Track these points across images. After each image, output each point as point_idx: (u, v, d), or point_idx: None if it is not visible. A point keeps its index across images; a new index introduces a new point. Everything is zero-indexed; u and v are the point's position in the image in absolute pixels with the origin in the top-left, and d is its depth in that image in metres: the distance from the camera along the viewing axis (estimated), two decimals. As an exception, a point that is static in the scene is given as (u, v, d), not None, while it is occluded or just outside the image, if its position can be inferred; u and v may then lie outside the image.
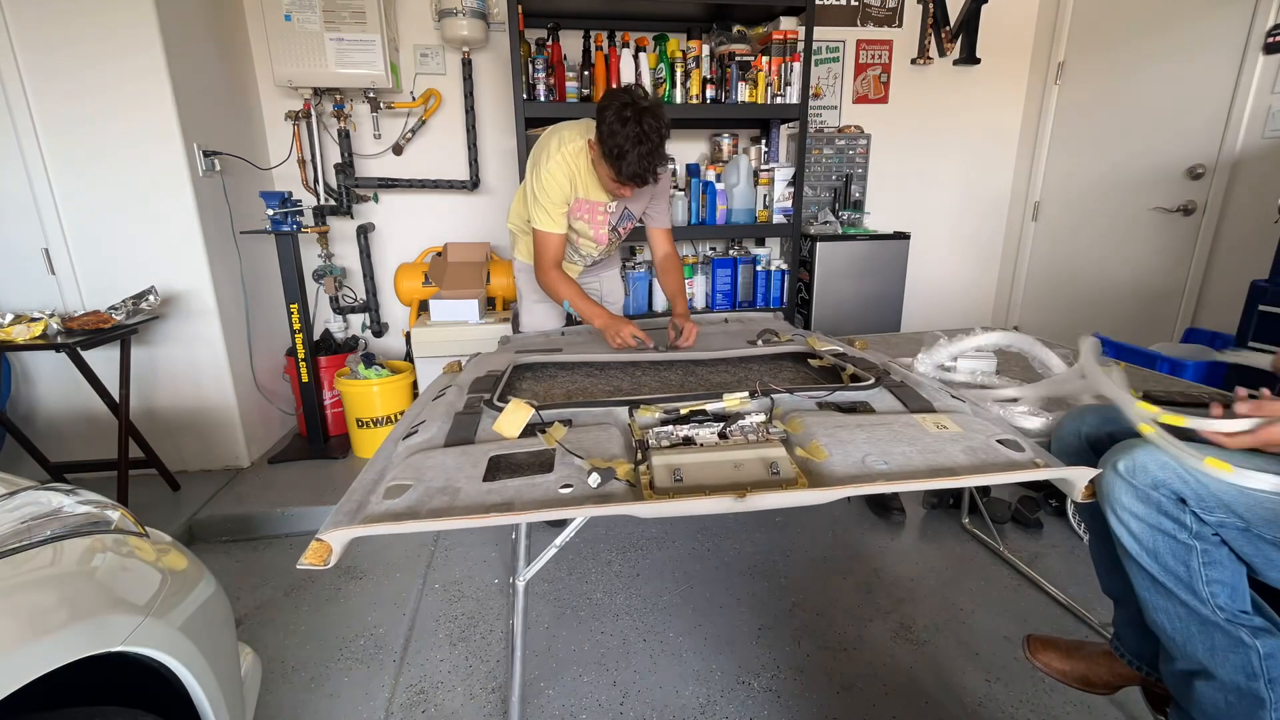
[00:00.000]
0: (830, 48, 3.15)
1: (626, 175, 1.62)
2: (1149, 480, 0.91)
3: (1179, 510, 0.90)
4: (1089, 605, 1.69)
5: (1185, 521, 0.90)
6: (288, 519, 2.20)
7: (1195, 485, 0.89)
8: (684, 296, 2.00)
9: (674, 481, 0.93)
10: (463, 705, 1.44)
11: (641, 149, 1.58)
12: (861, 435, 1.03)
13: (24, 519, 0.79)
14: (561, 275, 1.88)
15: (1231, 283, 2.40)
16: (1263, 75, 2.30)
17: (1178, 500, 0.90)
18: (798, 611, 1.73)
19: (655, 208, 1.98)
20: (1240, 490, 0.86)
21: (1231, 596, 0.90)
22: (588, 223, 1.90)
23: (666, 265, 2.02)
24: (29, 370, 2.35)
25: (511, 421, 1.13)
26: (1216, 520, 0.89)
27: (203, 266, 2.31)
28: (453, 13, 2.57)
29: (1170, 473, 0.89)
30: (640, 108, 1.57)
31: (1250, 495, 0.86)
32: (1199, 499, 0.89)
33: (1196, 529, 0.90)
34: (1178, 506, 0.90)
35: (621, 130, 1.56)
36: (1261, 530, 0.86)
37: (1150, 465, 0.91)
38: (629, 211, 1.95)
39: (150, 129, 2.16)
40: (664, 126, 1.61)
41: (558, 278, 1.86)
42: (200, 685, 0.82)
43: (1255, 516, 0.86)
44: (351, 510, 0.92)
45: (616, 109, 1.57)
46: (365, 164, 2.90)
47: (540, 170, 1.77)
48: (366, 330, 3.11)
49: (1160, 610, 0.95)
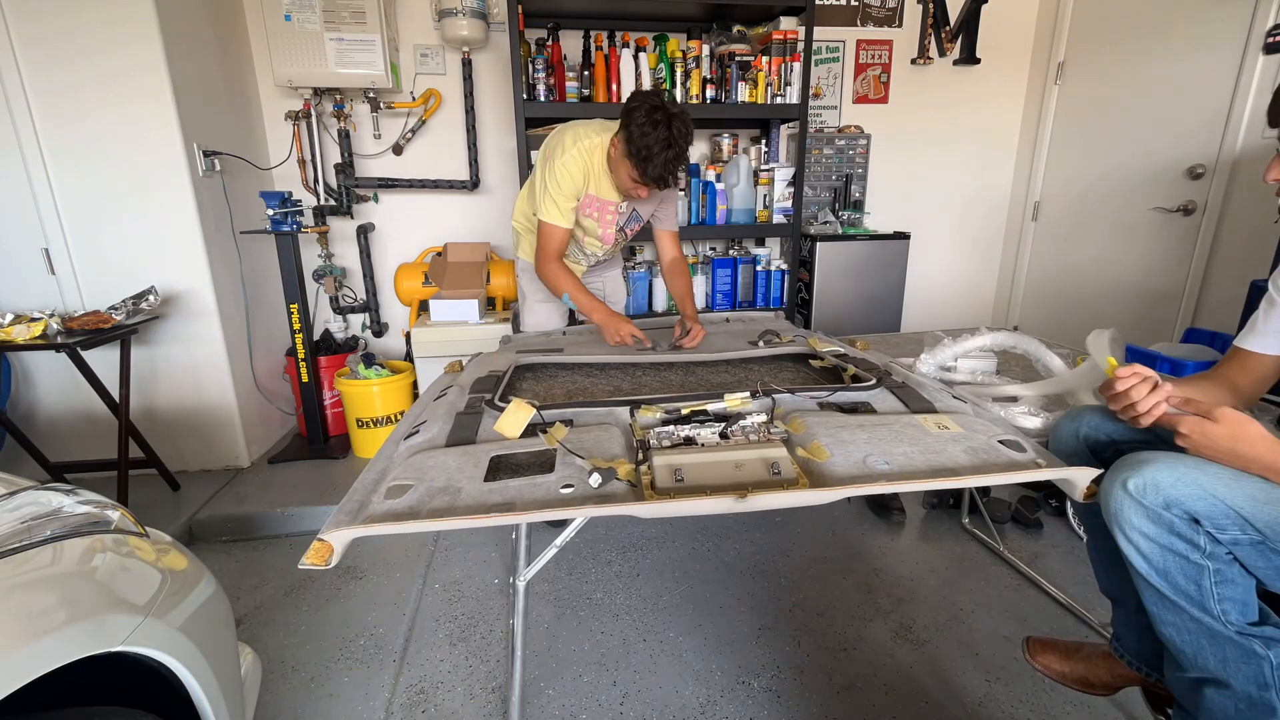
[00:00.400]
0: (830, 48, 3.15)
1: (651, 177, 1.64)
2: (1160, 500, 0.88)
3: (1192, 531, 0.87)
4: (1089, 605, 1.69)
5: (1199, 542, 0.87)
6: (288, 519, 2.20)
7: (1210, 501, 0.86)
8: (692, 299, 2.01)
9: (675, 482, 0.93)
10: (463, 705, 1.44)
11: (669, 153, 1.60)
12: (863, 435, 1.03)
13: (24, 519, 0.79)
14: (562, 267, 1.88)
15: (1231, 283, 2.40)
16: (1263, 75, 2.30)
17: (1191, 520, 0.87)
18: (798, 611, 1.73)
19: (664, 211, 1.99)
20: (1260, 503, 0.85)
21: (1243, 611, 0.89)
22: (596, 221, 1.90)
23: (674, 269, 2.03)
24: (29, 370, 2.35)
25: (513, 422, 1.13)
26: (1230, 538, 0.86)
27: (203, 266, 2.31)
28: (453, 13, 2.57)
29: (1184, 490, 0.86)
30: (671, 113, 1.59)
31: (1271, 509, 0.84)
32: (1213, 517, 0.86)
33: (1210, 549, 0.87)
34: (1191, 527, 0.87)
35: (652, 133, 1.58)
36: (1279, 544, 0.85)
37: (1162, 483, 0.88)
38: (637, 214, 1.95)
39: (150, 129, 2.16)
40: (690, 133, 1.64)
41: (559, 270, 1.86)
42: (200, 685, 0.82)
43: (1275, 531, 0.84)
44: (353, 510, 0.92)
45: (647, 111, 1.58)
46: (365, 164, 2.90)
47: (555, 162, 1.77)
48: (366, 330, 3.11)
49: (1170, 625, 0.93)
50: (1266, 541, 0.85)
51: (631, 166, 1.66)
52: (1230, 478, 0.87)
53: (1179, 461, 0.90)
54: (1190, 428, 0.91)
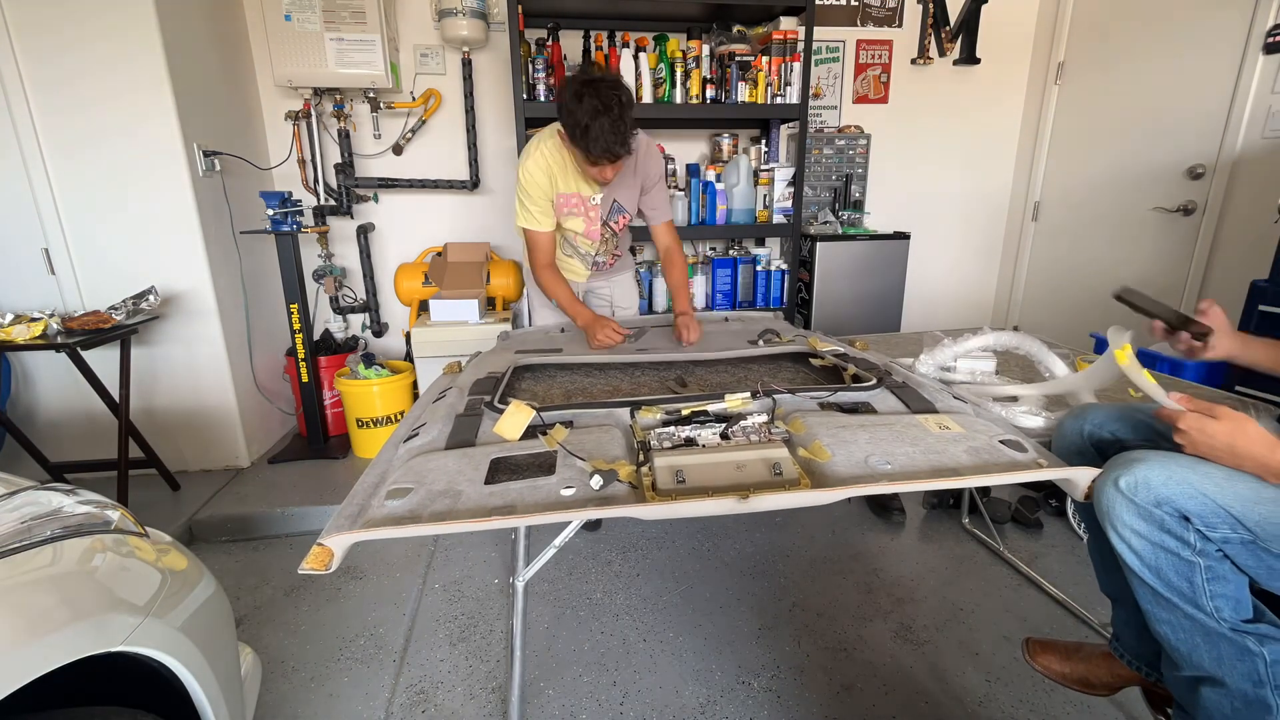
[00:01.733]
0: (830, 48, 3.15)
1: (597, 152, 1.58)
2: (1151, 498, 0.89)
3: (1182, 528, 0.88)
4: (1089, 605, 1.69)
5: (1189, 539, 0.88)
6: (288, 519, 2.20)
7: (1200, 500, 0.87)
8: (685, 291, 1.93)
9: (677, 483, 0.93)
10: (463, 705, 1.44)
11: (603, 120, 1.52)
12: (864, 436, 1.03)
13: (24, 519, 0.79)
14: (555, 275, 1.88)
15: (1231, 283, 2.40)
16: (1263, 75, 2.30)
17: (1181, 518, 0.88)
18: (798, 611, 1.73)
19: (649, 201, 1.94)
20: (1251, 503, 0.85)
21: (1235, 608, 0.89)
22: (580, 216, 1.88)
23: (667, 259, 1.98)
24: (29, 370, 2.35)
25: (512, 424, 1.12)
26: (1221, 536, 0.87)
27: (203, 266, 2.31)
28: (453, 13, 2.57)
29: (1174, 489, 0.87)
30: (593, 79, 1.54)
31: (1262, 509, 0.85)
32: (1203, 515, 0.87)
33: (1200, 546, 0.88)
34: (1181, 524, 0.88)
35: (579, 107, 1.52)
36: (1270, 544, 0.85)
37: (1153, 481, 0.88)
38: (618, 204, 1.91)
39: (150, 129, 2.16)
40: (624, 94, 1.55)
41: (552, 278, 1.86)
42: (200, 685, 0.82)
43: (1265, 532, 0.85)
44: (353, 514, 0.92)
45: (573, 89, 1.54)
46: (365, 164, 2.90)
47: (520, 171, 1.78)
48: (366, 330, 3.11)
49: (1164, 622, 0.94)
50: (1257, 541, 0.86)
51: (577, 149, 1.62)
52: (1223, 477, 0.88)
53: (1171, 460, 0.90)
54: (1189, 424, 0.91)
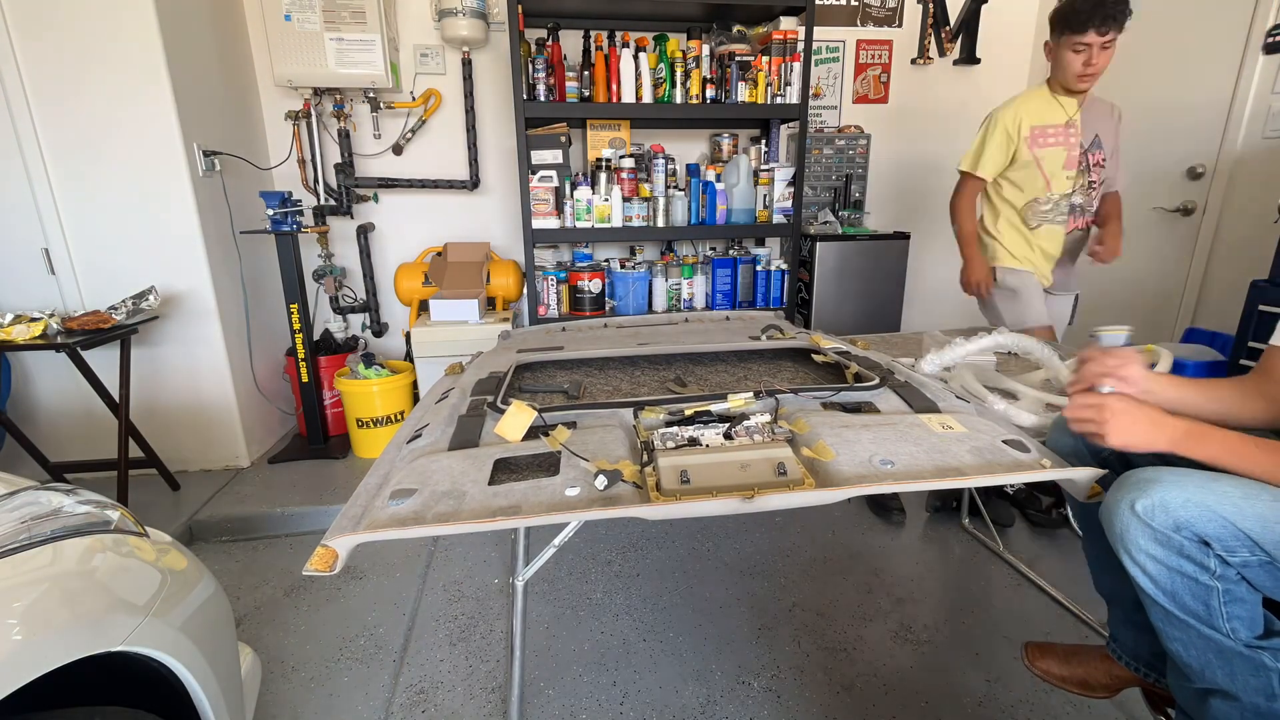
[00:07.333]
0: (830, 48, 3.15)
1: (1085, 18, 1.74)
2: (1170, 523, 0.86)
3: (1202, 554, 0.86)
4: (1089, 606, 1.68)
5: (1208, 565, 0.86)
6: (288, 519, 2.20)
7: (1220, 524, 0.84)
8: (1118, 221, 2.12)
9: (681, 483, 0.93)
10: (463, 705, 1.44)
11: None
12: (867, 435, 1.03)
13: (24, 519, 0.78)
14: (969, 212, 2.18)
15: (1231, 283, 2.40)
16: (1263, 75, 2.30)
17: (1200, 543, 0.86)
18: (798, 611, 1.73)
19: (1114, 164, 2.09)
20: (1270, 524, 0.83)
21: (1250, 626, 0.88)
22: (1059, 147, 1.98)
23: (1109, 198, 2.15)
24: (29, 370, 2.34)
25: (514, 424, 1.12)
26: (1240, 560, 0.85)
27: (203, 266, 2.31)
28: (453, 12, 2.57)
29: (1193, 511, 0.85)
30: None
31: None
32: (1223, 539, 0.84)
33: (1220, 571, 0.86)
34: (1201, 550, 0.86)
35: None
36: None
37: (1171, 504, 0.85)
38: (1098, 139, 2.02)
39: (150, 129, 2.16)
40: None
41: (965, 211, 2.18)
42: (200, 685, 0.82)
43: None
44: (356, 516, 0.92)
45: None
46: (365, 164, 2.90)
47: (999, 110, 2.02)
48: (366, 330, 3.11)
49: (1176, 640, 0.92)
50: (1275, 561, 0.84)
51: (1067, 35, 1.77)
52: (1239, 496, 0.85)
53: (1187, 480, 0.87)
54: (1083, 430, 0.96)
